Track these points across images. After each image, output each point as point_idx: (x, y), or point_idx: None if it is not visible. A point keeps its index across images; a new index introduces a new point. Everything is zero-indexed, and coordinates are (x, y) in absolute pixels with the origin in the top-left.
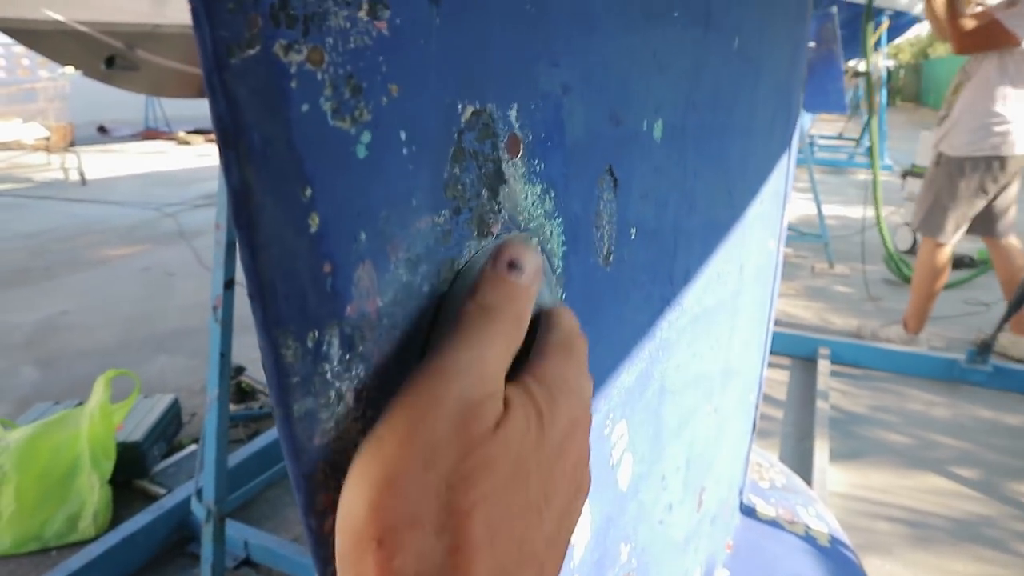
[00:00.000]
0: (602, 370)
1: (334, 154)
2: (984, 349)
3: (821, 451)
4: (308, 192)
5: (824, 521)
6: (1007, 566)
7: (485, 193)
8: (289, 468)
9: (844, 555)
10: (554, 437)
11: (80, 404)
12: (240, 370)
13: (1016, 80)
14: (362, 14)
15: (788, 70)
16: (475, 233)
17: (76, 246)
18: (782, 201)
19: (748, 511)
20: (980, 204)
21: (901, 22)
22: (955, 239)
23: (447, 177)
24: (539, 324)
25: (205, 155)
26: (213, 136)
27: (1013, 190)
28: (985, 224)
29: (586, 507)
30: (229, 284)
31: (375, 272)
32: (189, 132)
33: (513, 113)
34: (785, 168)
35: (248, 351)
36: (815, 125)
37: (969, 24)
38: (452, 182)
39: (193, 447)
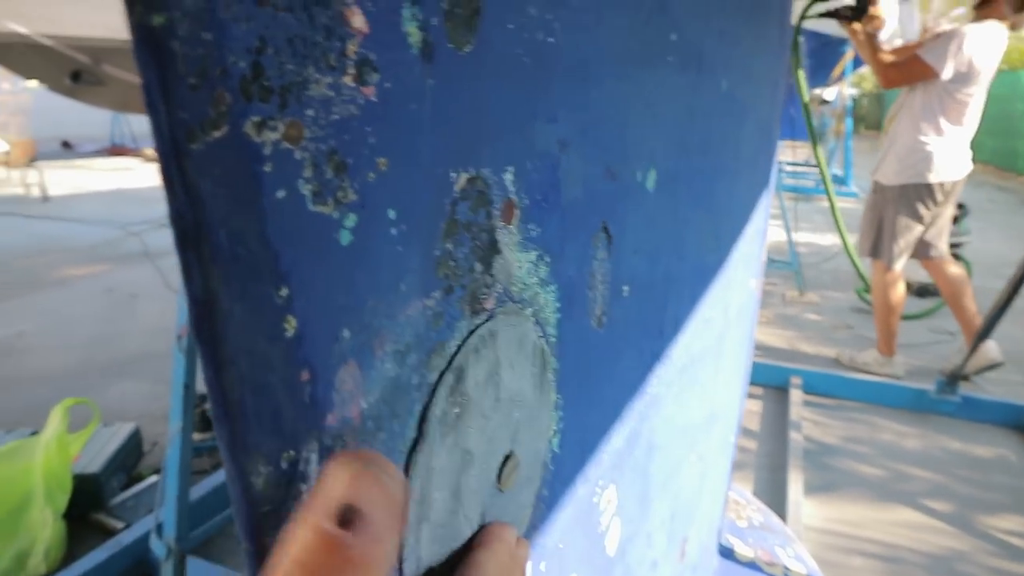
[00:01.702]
0: (593, 437)
1: (314, 244)
2: (952, 379)
3: (795, 483)
4: (284, 292)
5: (802, 562)
6: None
7: (478, 266)
8: None
9: None
10: None
11: (35, 433)
12: (204, 398)
13: (939, 111)
14: (347, 80)
15: (769, 106)
16: (468, 312)
17: (35, 265)
18: (762, 238)
19: (726, 552)
20: (918, 228)
21: None
22: (901, 263)
23: (439, 254)
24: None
25: None
26: None
27: (946, 214)
28: (920, 248)
29: None
30: None
31: (359, 372)
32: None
33: (509, 177)
34: (766, 204)
35: None
36: (782, 152)
37: (889, 59)
38: (444, 259)
39: (154, 478)
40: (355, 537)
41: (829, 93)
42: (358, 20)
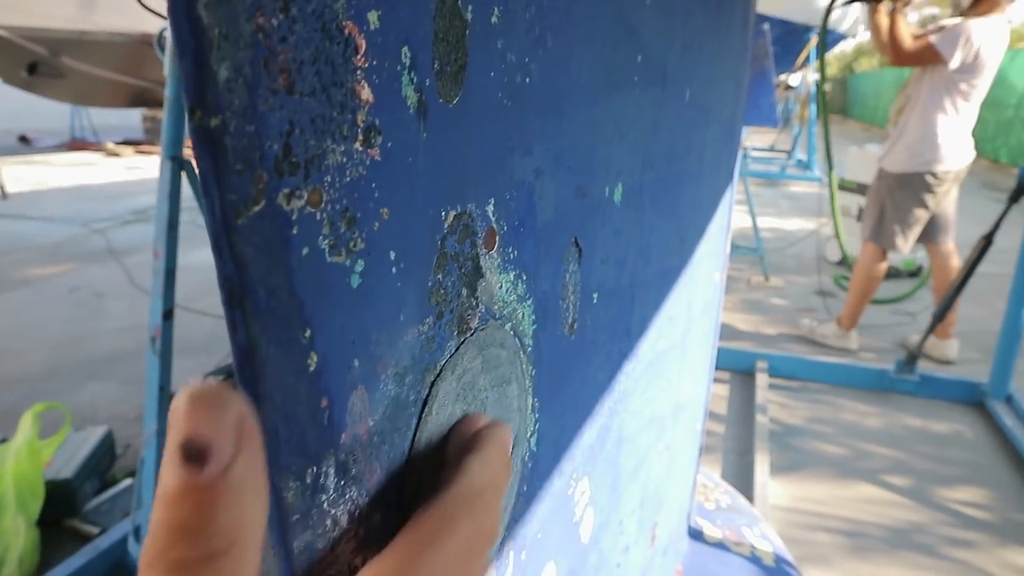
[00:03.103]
0: (567, 434)
1: (331, 290)
2: (911, 359)
3: (762, 465)
4: (307, 334)
5: (768, 540)
6: (938, 571)
7: (465, 291)
8: None
9: (788, 573)
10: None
11: (3, 440)
12: None
13: (946, 101)
14: (357, 145)
15: (733, 107)
16: (456, 333)
17: None
18: (726, 232)
19: (696, 534)
20: (923, 215)
21: (828, 39)
22: (907, 248)
23: (431, 285)
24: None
25: (136, 167)
26: (145, 148)
27: (950, 200)
28: (927, 232)
29: (552, 565)
30: (168, 314)
31: (367, 395)
32: (118, 143)
33: (491, 208)
34: (729, 200)
35: (184, 376)
36: (748, 138)
37: (908, 42)
38: (436, 288)
39: (128, 481)
40: (197, 471)
41: (794, 79)
42: (366, 92)
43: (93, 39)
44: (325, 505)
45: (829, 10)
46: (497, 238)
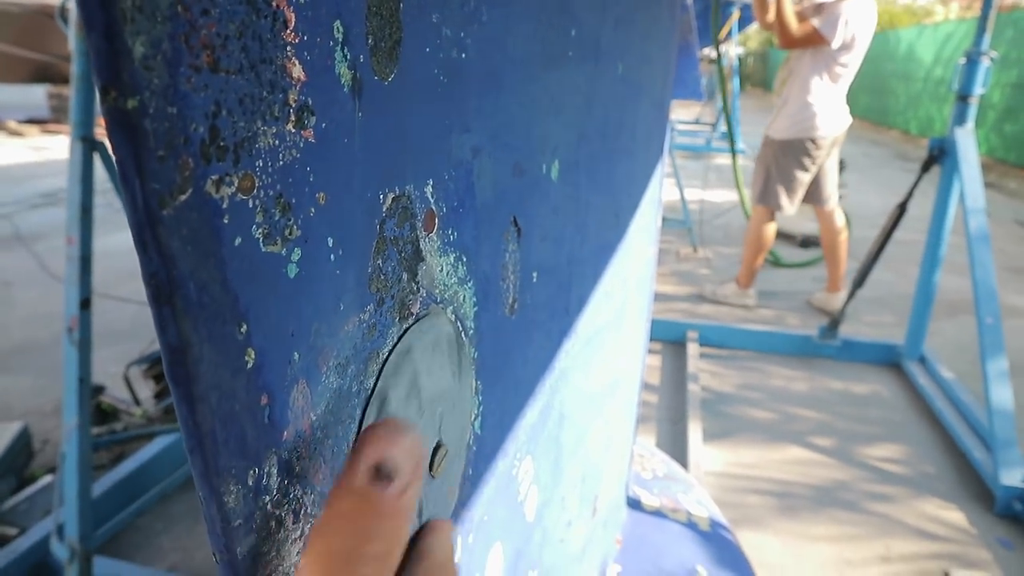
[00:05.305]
0: (511, 415)
1: (266, 281)
2: (833, 325)
3: (695, 433)
4: (244, 329)
5: (704, 506)
6: (860, 524)
7: (405, 276)
8: None
9: (723, 536)
10: None
11: None
12: (99, 390)
13: (825, 75)
14: (290, 127)
15: (662, 81)
16: (397, 319)
17: None
18: (658, 206)
19: (634, 504)
20: (805, 177)
21: (749, 13)
22: (792, 209)
23: (371, 271)
24: (413, 541)
25: (42, 148)
26: (52, 127)
27: (831, 163)
28: (811, 194)
29: (498, 546)
30: (86, 303)
31: (308, 389)
32: (21, 122)
33: (429, 189)
34: (660, 174)
35: (106, 366)
36: (673, 111)
37: (795, 27)
38: (376, 274)
39: (48, 478)
40: (384, 490)
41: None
42: (297, 70)
43: None
44: (269, 507)
45: None
46: (436, 220)
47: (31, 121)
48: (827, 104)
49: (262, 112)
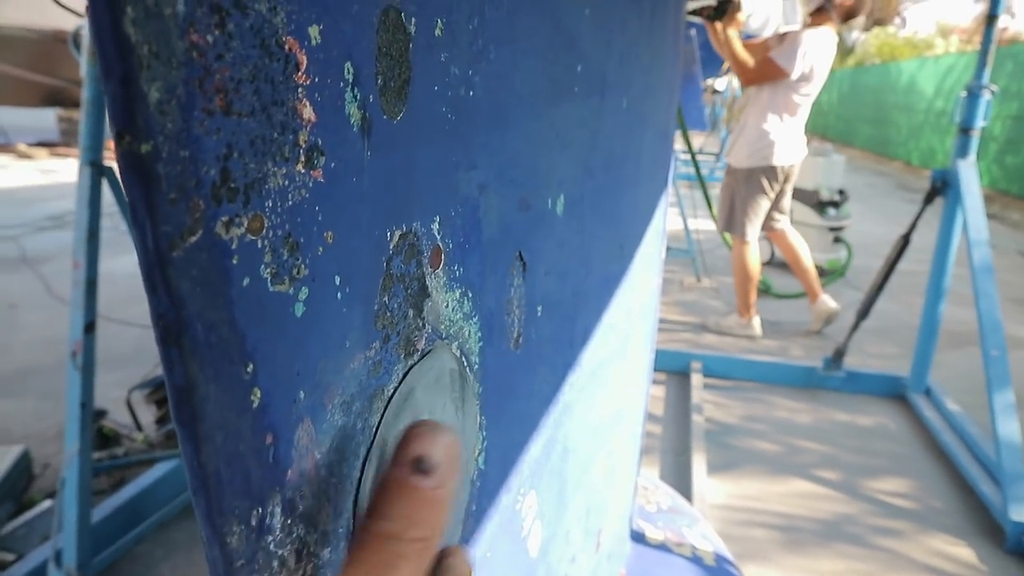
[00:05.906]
0: (514, 449)
1: (274, 320)
2: (838, 356)
3: (699, 465)
4: (250, 368)
5: (708, 540)
6: (867, 560)
7: (411, 313)
8: None
9: (728, 571)
10: None
11: None
12: (101, 414)
13: (783, 105)
14: (299, 167)
15: (666, 113)
16: (403, 355)
17: None
18: (662, 237)
19: (638, 537)
20: (766, 205)
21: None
22: (753, 234)
23: (377, 308)
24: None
25: (50, 171)
26: (61, 150)
27: (787, 192)
28: (765, 221)
29: None
30: (90, 327)
31: (313, 427)
32: (31, 145)
33: (436, 225)
34: (664, 204)
35: (108, 390)
36: (677, 141)
37: (749, 61)
38: (382, 312)
39: (47, 503)
40: (426, 480)
41: (720, 83)
42: (308, 111)
43: (3, 35)
44: (272, 547)
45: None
46: (443, 256)
47: (41, 144)
48: (784, 134)
49: (272, 153)
